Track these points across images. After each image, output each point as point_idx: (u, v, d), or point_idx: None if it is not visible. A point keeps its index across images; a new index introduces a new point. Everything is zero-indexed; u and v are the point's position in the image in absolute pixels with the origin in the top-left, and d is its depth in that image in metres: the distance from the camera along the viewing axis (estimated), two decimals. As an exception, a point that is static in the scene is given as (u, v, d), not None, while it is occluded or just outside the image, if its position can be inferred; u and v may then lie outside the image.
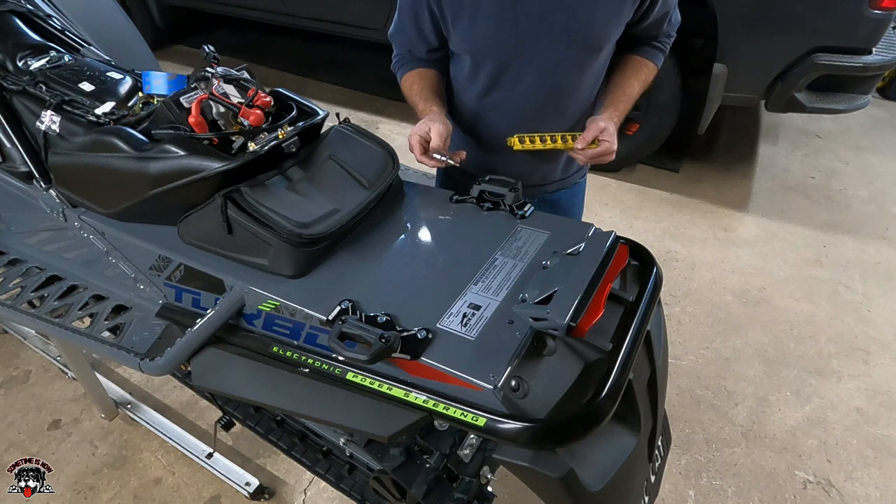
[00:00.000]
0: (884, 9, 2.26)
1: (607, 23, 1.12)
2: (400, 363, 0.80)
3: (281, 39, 5.05)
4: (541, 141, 1.18)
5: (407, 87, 1.29)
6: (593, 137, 1.15)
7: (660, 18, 1.20)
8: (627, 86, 1.23)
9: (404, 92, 1.31)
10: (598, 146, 1.15)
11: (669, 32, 1.27)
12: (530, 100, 1.21)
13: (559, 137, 1.18)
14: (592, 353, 0.80)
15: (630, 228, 2.81)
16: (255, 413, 1.46)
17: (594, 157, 1.17)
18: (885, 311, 2.34)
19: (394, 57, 1.33)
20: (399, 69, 1.32)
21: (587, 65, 1.19)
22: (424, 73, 1.28)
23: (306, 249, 0.93)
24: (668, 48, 1.29)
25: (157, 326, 1.09)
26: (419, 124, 1.14)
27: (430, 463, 1.02)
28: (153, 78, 1.24)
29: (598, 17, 1.10)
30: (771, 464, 1.77)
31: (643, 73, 1.25)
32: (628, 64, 1.26)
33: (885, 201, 3.04)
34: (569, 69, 1.18)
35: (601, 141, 1.15)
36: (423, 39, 1.24)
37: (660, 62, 1.28)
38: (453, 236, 1.07)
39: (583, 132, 1.16)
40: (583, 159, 1.19)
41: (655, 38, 1.26)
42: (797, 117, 3.77)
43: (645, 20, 1.18)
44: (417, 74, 1.28)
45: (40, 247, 1.31)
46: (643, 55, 1.26)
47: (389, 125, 3.76)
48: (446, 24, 1.17)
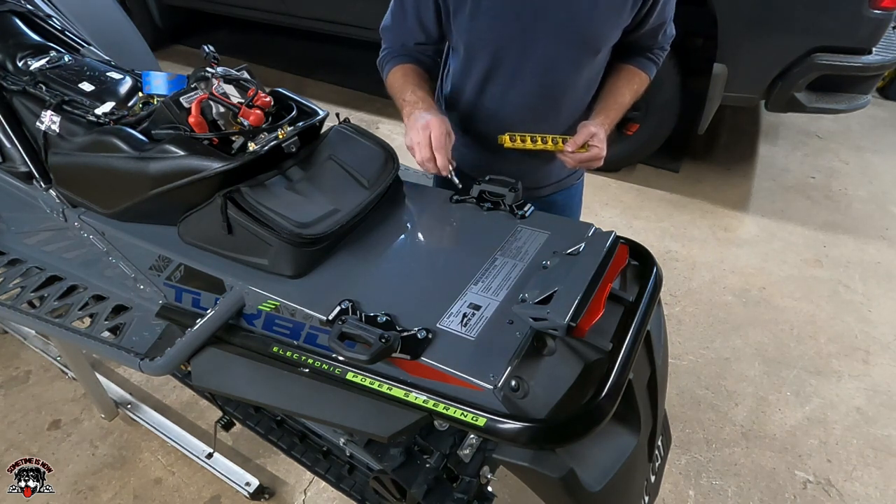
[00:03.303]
0: (884, 9, 2.25)
1: (606, 23, 1.12)
2: (400, 363, 0.80)
3: (281, 39, 5.05)
4: (531, 141, 1.19)
5: (395, 78, 1.25)
6: (584, 141, 1.16)
7: (656, 28, 1.21)
8: (619, 94, 1.25)
9: (390, 83, 1.26)
10: (588, 151, 1.16)
11: (663, 45, 1.29)
12: (526, 98, 1.22)
13: (550, 139, 1.19)
14: (592, 353, 0.80)
15: (630, 228, 2.81)
16: (255, 413, 1.46)
17: (583, 161, 1.18)
18: (885, 311, 2.33)
19: (382, 51, 1.30)
20: (388, 62, 1.28)
21: (584, 65, 1.19)
22: (414, 68, 1.26)
23: (306, 249, 0.93)
24: (661, 61, 1.31)
25: (157, 326, 1.09)
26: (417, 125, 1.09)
27: (430, 463, 1.02)
28: (153, 78, 1.24)
29: (598, 17, 1.10)
30: (771, 464, 1.77)
31: (635, 82, 1.27)
32: (621, 73, 1.27)
33: (885, 201, 3.04)
34: (566, 68, 1.18)
35: (591, 146, 1.16)
36: (423, 30, 1.22)
37: (652, 73, 1.30)
38: (453, 236, 1.07)
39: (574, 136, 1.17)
40: (571, 163, 1.19)
41: (650, 50, 1.28)
42: (797, 117, 3.77)
43: (641, 28, 1.19)
44: (409, 69, 1.25)
45: (40, 247, 1.31)
46: (636, 65, 1.28)
47: (389, 125, 3.76)
48: (448, 15, 1.16)
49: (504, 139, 1.19)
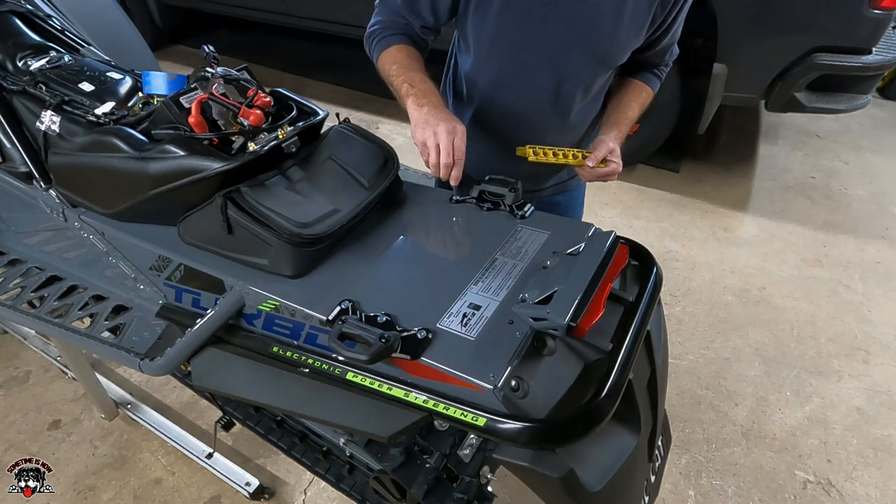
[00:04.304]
0: (884, 9, 2.26)
1: (626, 45, 1.15)
2: (400, 363, 0.80)
3: (281, 39, 5.05)
4: (553, 155, 1.19)
5: (397, 57, 1.15)
6: (603, 156, 1.17)
7: (664, 48, 1.25)
8: (629, 108, 1.27)
9: (384, 63, 1.17)
10: (607, 166, 1.17)
11: (668, 62, 1.32)
12: (540, 102, 1.22)
13: (570, 154, 1.19)
14: (592, 353, 0.80)
15: (630, 228, 2.81)
16: (255, 413, 1.46)
17: (600, 176, 1.19)
18: (885, 311, 2.34)
19: (374, 24, 1.20)
20: (381, 39, 1.18)
21: (598, 78, 1.21)
22: (417, 54, 1.18)
23: (306, 249, 0.93)
24: (664, 77, 1.34)
25: (157, 326, 1.09)
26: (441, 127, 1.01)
27: (430, 463, 1.02)
28: (153, 78, 1.24)
29: (619, 37, 1.12)
30: (771, 464, 1.77)
31: (642, 97, 1.29)
32: (629, 87, 1.30)
33: (885, 201, 3.04)
34: (581, 78, 1.19)
35: (609, 161, 1.17)
36: (432, 13, 1.15)
37: (657, 88, 1.33)
38: (453, 236, 1.07)
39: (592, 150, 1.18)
40: (589, 177, 1.21)
41: (656, 66, 1.31)
42: (797, 117, 3.77)
43: (652, 48, 1.22)
44: (412, 52, 1.17)
45: (40, 247, 1.31)
46: (643, 80, 1.30)
47: (389, 125, 3.76)
48: (469, 6, 1.12)
49: (527, 152, 1.18)
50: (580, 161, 1.18)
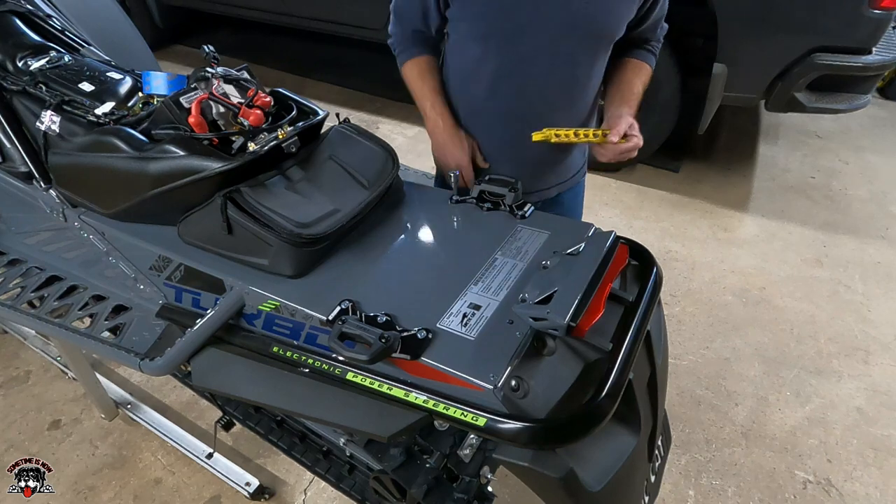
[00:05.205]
0: (884, 9, 2.25)
1: (622, 17, 1.16)
2: (400, 363, 0.80)
3: (281, 39, 5.05)
4: (574, 135, 1.17)
5: (414, 75, 1.28)
6: (625, 130, 1.14)
7: (656, 22, 1.26)
8: (633, 85, 1.27)
9: (408, 77, 1.30)
10: (628, 141, 1.14)
11: (660, 38, 1.34)
12: (544, 89, 1.22)
13: (591, 133, 1.16)
14: (592, 353, 0.80)
15: (630, 228, 2.81)
16: (255, 413, 1.46)
17: (622, 151, 1.16)
18: (885, 311, 2.33)
19: (393, 34, 1.31)
20: (404, 50, 1.30)
21: (599, 57, 1.22)
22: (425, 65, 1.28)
23: (306, 249, 0.93)
24: (658, 53, 1.34)
25: (157, 326, 1.09)
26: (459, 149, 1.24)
27: (430, 463, 1.02)
28: (153, 78, 1.24)
29: (614, 9, 1.14)
30: (771, 464, 1.77)
31: (643, 74, 1.30)
32: (629, 65, 1.30)
33: (885, 201, 3.04)
34: (581, 59, 1.20)
35: (630, 136, 1.14)
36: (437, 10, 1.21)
37: (654, 65, 1.33)
38: (453, 236, 1.07)
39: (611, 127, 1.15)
40: (610, 155, 1.18)
41: (648, 43, 1.32)
42: (797, 117, 3.77)
43: (643, 23, 1.23)
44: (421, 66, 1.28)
45: (40, 247, 1.31)
46: (640, 57, 1.31)
47: (389, 125, 3.76)
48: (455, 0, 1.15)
49: (549, 135, 1.17)
50: (601, 139, 1.15)
